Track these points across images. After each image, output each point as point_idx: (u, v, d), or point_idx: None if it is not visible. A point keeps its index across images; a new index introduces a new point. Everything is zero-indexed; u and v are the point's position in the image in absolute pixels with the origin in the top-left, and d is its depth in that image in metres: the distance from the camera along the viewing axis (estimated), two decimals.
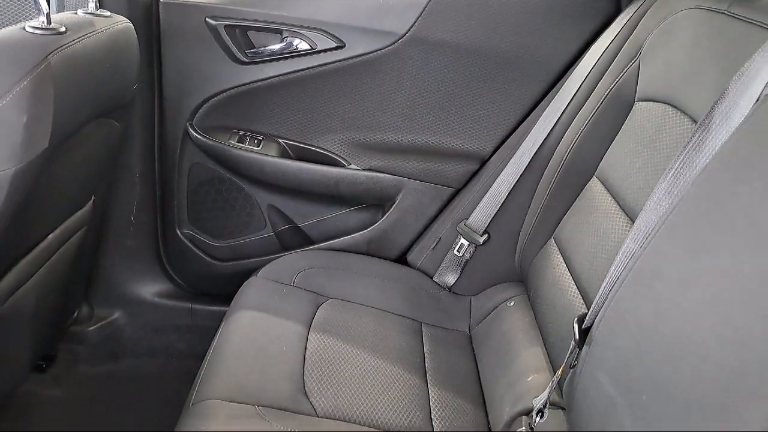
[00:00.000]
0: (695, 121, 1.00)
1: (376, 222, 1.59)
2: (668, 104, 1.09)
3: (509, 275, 1.45)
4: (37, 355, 1.36)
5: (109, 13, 1.13)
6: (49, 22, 0.92)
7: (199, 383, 1.07)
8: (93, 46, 0.99)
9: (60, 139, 0.94)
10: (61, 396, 1.53)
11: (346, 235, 1.61)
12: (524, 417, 1.03)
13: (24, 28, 0.91)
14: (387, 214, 1.58)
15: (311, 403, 1.05)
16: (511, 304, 1.38)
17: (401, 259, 1.60)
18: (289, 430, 0.96)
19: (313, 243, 1.64)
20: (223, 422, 0.96)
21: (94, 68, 1.01)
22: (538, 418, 0.99)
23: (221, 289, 1.55)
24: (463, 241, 1.48)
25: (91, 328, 1.62)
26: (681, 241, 0.81)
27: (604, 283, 0.95)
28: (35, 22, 0.92)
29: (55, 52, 0.88)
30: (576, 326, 0.96)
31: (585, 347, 0.93)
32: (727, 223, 0.74)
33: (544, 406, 0.99)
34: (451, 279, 1.50)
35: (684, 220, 0.83)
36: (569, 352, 0.99)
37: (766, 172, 0.72)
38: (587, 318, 0.96)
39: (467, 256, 1.48)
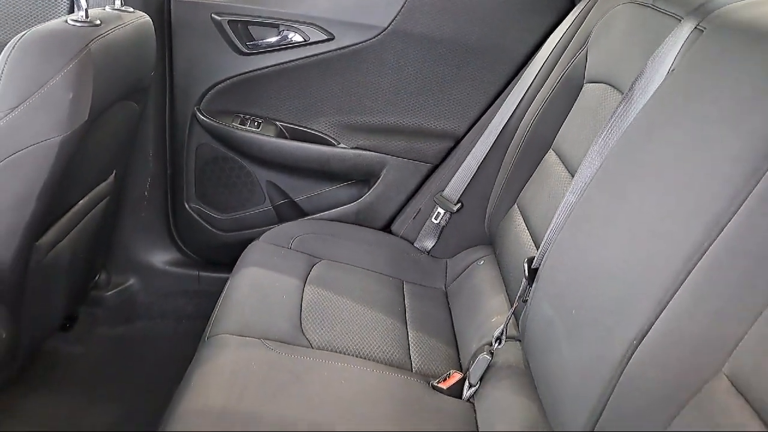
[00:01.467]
0: None
1: (363, 195, 1.78)
2: (607, 84, 1.28)
3: (480, 239, 1.64)
4: (69, 307, 1.53)
5: (132, 9, 1.31)
6: (87, 16, 1.10)
7: (213, 322, 1.26)
8: (121, 37, 1.17)
9: (96, 114, 1.13)
10: (82, 353, 1.71)
11: (336, 208, 1.80)
12: (486, 346, 1.22)
13: (66, 21, 1.09)
14: (373, 188, 1.77)
15: (307, 338, 1.23)
16: (481, 263, 1.58)
17: (386, 229, 1.80)
18: (288, 356, 1.15)
19: (307, 215, 1.83)
20: (233, 350, 1.15)
21: (123, 56, 1.19)
22: (496, 344, 1.19)
23: (225, 258, 1.72)
24: (439, 209, 1.67)
25: (109, 293, 1.80)
26: (605, 189, 1.01)
27: (549, 230, 1.14)
28: (75, 16, 1.11)
29: (94, 40, 1.07)
30: (526, 267, 1.16)
31: (534, 284, 1.13)
32: (639, 173, 0.94)
33: (502, 334, 1.19)
34: (429, 244, 1.70)
35: (608, 174, 1.03)
36: (521, 289, 1.19)
37: (668, 132, 0.92)
38: (535, 260, 1.16)
39: (443, 223, 1.67)
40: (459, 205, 1.65)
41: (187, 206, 1.83)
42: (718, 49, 0.91)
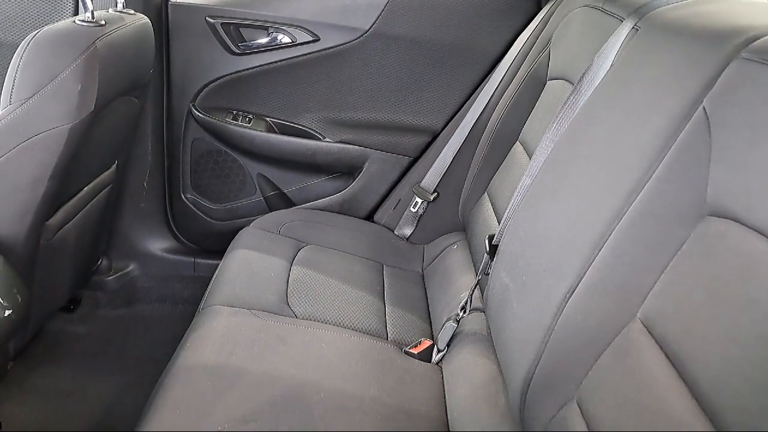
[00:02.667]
0: None
1: (348, 187, 1.91)
2: (565, 80, 1.42)
3: (454, 225, 1.77)
4: (73, 288, 1.64)
5: (133, 12, 1.44)
6: (93, 17, 1.23)
7: (206, 296, 1.39)
8: (124, 36, 1.30)
9: (101, 106, 1.25)
10: (85, 332, 1.83)
11: (322, 198, 1.93)
12: (454, 316, 1.35)
13: (74, 21, 1.22)
14: (356, 179, 1.90)
15: (292, 310, 1.36)
16: (455, 247, 1.70)
17: (369, 218, 1.92)
18: (274, 323, 1.27)
19: (295, 205, 1.95)
20: (225, 318, 1.27)
21: (125, 53, 1.32)
22: (462, 313, 1.32)
23: (219, 245, 1.83)
24: (417, 199, 1.80)
25: (110, 277, 1.92)
26: (553, 170, 1.15)
27: (508, 209, 1.27)
28: (82, 17, 1.23)
29: (100, 39, 1.19)
30: (487, 243, 1.29)
31: (494, 258, 1.26)
32: (579, 153, 1.07)
33: (466, 304, 1.32)
34: (408, 231, 1.83)
35: (556, 156, 1.16)
36: (483, 263, 1.31)
37: (604, 118, 1.06)
38: (495, 236, 1.29)
39: (421, 211, 1.80)
40: (435, 194, 1.78)
41: (183, 197, 1.96)
42: (647, 45, 1.05)
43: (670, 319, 0.78)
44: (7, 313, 1.08)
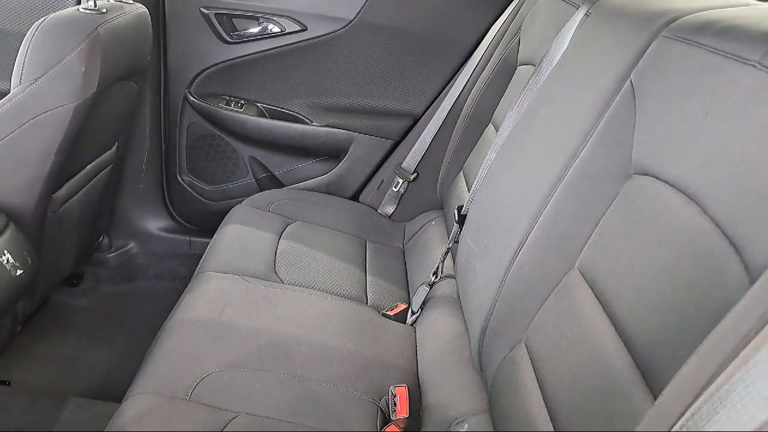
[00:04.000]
0: None
1: (334, 168, 2.03)
2: (531, 65, 1.53)
3: (433, 204, 1.89)
4: (77, 261, 1.76)
5: (131, 1, 1.55)
6: (95, 5, 1.34)
7: (201, 263, 1.50)
8: (124, 23, 1.42)
9: (103, 87, 1.37)
10: (87, 305, 1.94)
11: (310, 179, 2.04)
12: (426, 281, 1.46)
13: (78, 9, 1.33)
14: (342, 162, 2.02)
15: (279, 276, 1.47)
16: (433, 223, 1.82)
17: (354, 198, 2.04)
18: (262, 287, 1.39)
19: (284, 187, 2.07)
20: (217, 281, 1.39)
21: (124, 39, 1.44)
22: (433, 278, 1.43)
23: (213, 225, 1.93)
24: (399, 179, 1.91)
25: (110, 255, 2.04)
26: (513, 144, 1.26)
27: (475, 182, 1.39)
28: (85, 5, 1.35)
29: (102, 25, 1.31)
30: (456, 213, 1.41)
31: (463, 227, 1.38)
32: (534, 127, 1.19)
33: (438, 270, 1.43)
34: (390, 209, 1.94)
35: (516, 132, 1.28)
36: (453, 233, 1.43)
37: (555, 95, 1.17)
38: (464, 207, 1.41)
39: (402, 191, 1.91)
40: (415, 175, 1.89)
41: (179, 178, 2.07)
42: (593, 29, 1.17)
43: (599, 263, 0.90)
44: (18, 272, 1.19)
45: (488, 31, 1.85)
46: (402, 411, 1.09)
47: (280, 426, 1.04)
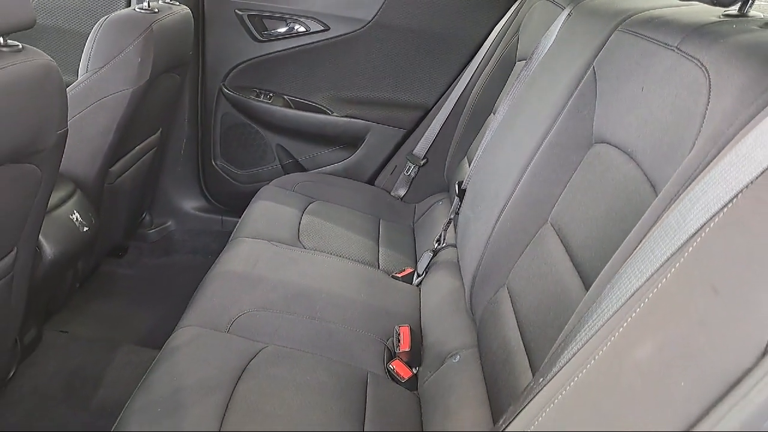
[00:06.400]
0: None
1: (352, 155, 2.24)
2: (525, 60, 1.73)
3: (441, 186, 2.09)
4: (125, 233, 1.99)
5: (177, 3, 1.78)
6: (149, 5, 1.58)
7: (234, 232, 1.72)
8: (171, 22, 1.65)
9: (154, 76, 1.59)
10: (131, 275, 2.18)
11: (330, 165, 2.26)
12: (430, 248, 1.66)
13: (135, 9, 1.57)
14: (359, 149, 2.23)
15: (302, 243, 1.69)
16: (440, 203, 2.02)
17: (370, 182, 2.25)
18: (288, 249, 1.60)
19: (307, 171, 2.28)
20: (249, 244, 1.60)
21: (172, 36, 1.66)
22: (436, 245, 1.64)
23: (243, 205, 2.14)
24: (410, 165, 2.12)
25: (151, 231, 2.27)
26: (504, 125, 1.46)
27: (474, 161, 1.59)
28: (140, 6, 1.58)
29: (155, 22, 1.54)
30: (457, 187, 1.61)
31: (462, 199, 1.58)
32: (521, 110, 1.39)
33: (440, 237, 1.64)
34: (402, 192, 2.15)
35: (507, 117, 1.48)
36: (454, 205, 1.63)
37: (539, 82, 1.37)
38: (464, 182, 1.61)
39: (413, 175, 2.12)
40: (425, 160, 2.10)
41: (213, 163, 2.30)
42: (572, 26, 1.36)
43: (564, 215, 1.10)
44: (85, 229, 1.42)
45: (492, 31, 2.05)
46: (405, 345, 1.29)
47: (303, 356, 1.25)
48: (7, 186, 0.99)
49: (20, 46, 0.93)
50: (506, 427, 0.69)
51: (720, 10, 0.93)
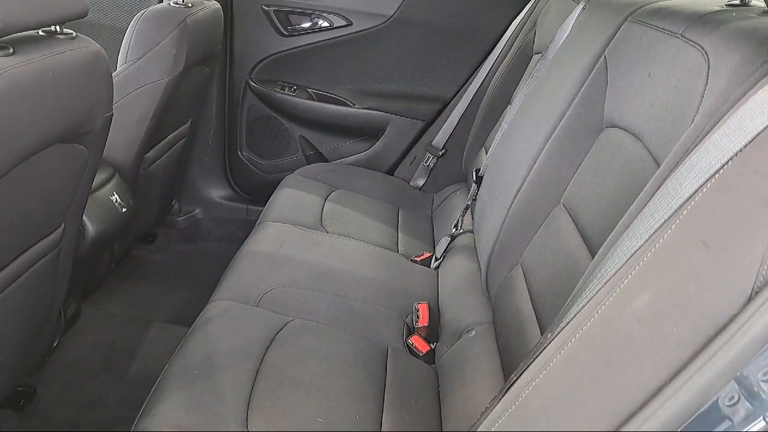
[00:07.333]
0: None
1: (372, 146, 2.32)
2: (541, 53, 1.79)
3: (459, 177, 2.15)
4: (157, 219, 2.09)
5: None
6: (183, 1, 1.66)
7: (260, 217, 1.81)
8: (204, 16, 1.73)
9: (187, 68, 1.68)
10: (161, 260, 2.27)
11: (352, 156, 2.33)
12: (448, 233, 1.73)
13: (170, 4, 1.65)
14: (379, 140, 2.30)
15: (325, 228, 1.76)
16: (458, 193, 2.08)
17: (389, 172, 2.32)
18: (311, 233, 1.68)
19: (329, 162, 2.36)
20: (275, 227, 1.68)
21: (204, 29, 1.75)
22: (454, 230, 1.70)
23: (267, 195, 2.22)
24: (429, 155, 2.19)
25: (180, 218, 2.37)
26: (520, 114, 1.53)
27: (491, 149, 1.66)
28: (175, 1, 1.66)
29: (189, 16, 1.63)
30: (474, 174, 1.68)
31: (480, 186, 1.64)
32: (537, 99, 1.45)
33: (458, 222, 1.70)
34: (421, 182, 2.22)
35: (523, 106, 1.54)
36: (471, 192, 1.70)
37: (554, 72, 1.43)
38: (481, 169, 1.67)
39: (432, 165, 2.19)
40: (444, 151, 2.17)
41: (239, 153, 2.39)
42: (585, 19, 1.43)
43: (576, 196, 1.17)
44: (123, 210, 1.51)
45: (509, 26, 2.11)
46: (423, 321, 1.36)
47: (327, 329, 1.32)
48: (58, 164, 1.07)
49: (74, 34, 1.02)
50: (516, 379, 0.75)
51: (724, 0, 0.98)
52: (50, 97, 0.93)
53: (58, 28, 1.00)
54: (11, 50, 0.87)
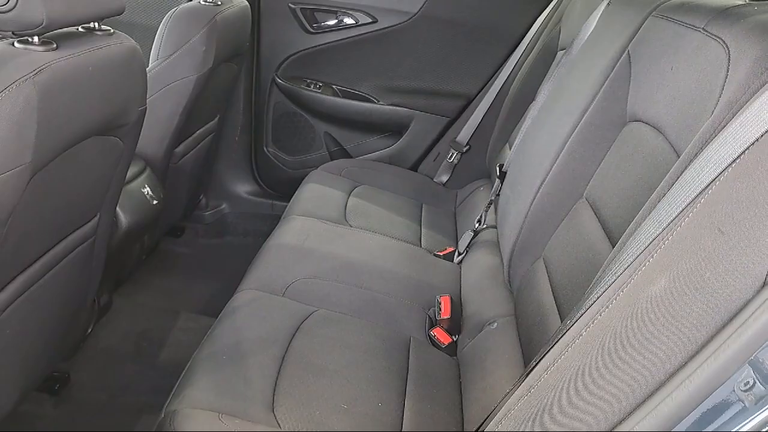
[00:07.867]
0: None
1: (396, 142, 2.34)
2: (566, 49, 1.80)
3: (483, 173, 2.17)
4: (185, 212, 2.14)
5: None
6: None
7: (285, 211, 1.84)
8: (232, 14, 1.77)
9: (216, 64, 1.72)
10: (188, 253, 2.33)
11: (376, 152, 2.36)
12: (471, 228, 1.75)
13: (200, 2, 1.70)
14: (403, 137, 2.33)
15: (348, 222, 1.79)
16: (482, 189, 2.10)
17: (414, 168, 2.34)
18: (335, 226, 1.71)
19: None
20: (300, 221, 1.72)
21: (233, 27, 1.79)
22: (477, 225, 1.72)
23: (292, 190, 2.26)
24: (453, 151, 2.21)
25: (207, 213, 2.42)
26: (544, 110, 1.54)
27: (514, 146, 1.67)
28: (203, 0, 1.71)
29: (218, 14, 1.67)
30: (498, 169, 1.69)
31: (503, 181, 1.66)
32: (560, 94, 1.47)
33: (482, 217, 1.72)
34: (444, 178, 2.24)
35: (547, 102, 1.55)
36: (494, 187, 1.72)
37: (578, 67, 1.45)
38: (504, 165, 1.69)
39: (455, 161, 2.21)
40: (467, 147, 2.18)
41: (265, 150, 2.43)
42: (610, 14, 1.43)
43: (598, 189, 1.18)
44: (155, 202, 1.56)
45: (534, 22, 2.12)
46: (446, 313, 1.38)
47: (351, 320, 1.35)
48: (95, 156, 1.12)
49: (111, 31, 1.06)
50: (536, 365, 0.77)
51: None
52: (89, 90, 0.97)
53: (96, 24, 1.04)
54: (54, 45, 0.91)
